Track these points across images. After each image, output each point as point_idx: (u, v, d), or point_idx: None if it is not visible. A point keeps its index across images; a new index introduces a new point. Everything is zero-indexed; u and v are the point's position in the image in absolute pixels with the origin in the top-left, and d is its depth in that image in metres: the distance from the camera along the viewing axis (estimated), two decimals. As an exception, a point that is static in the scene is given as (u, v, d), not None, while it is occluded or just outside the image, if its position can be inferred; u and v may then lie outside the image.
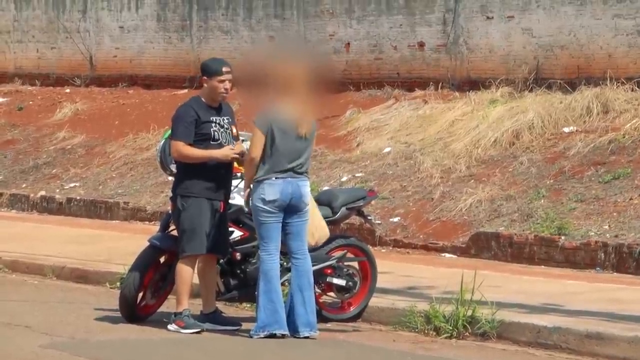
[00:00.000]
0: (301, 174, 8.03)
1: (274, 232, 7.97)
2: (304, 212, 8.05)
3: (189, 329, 8.08)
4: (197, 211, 8.06)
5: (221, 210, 8.17)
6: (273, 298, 7.90)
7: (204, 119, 8.14)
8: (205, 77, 8.24)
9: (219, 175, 8.16)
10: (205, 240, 8.08)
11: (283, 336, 7.92)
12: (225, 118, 8.27)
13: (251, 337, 7.90)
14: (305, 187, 8.04)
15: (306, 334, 7.96)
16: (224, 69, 8.23)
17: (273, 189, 7.94)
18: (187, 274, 8.12)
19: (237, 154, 8.14)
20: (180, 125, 8.14)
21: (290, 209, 7.99)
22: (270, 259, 7.96)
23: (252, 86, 8.65)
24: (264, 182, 7.96)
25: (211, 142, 8.14)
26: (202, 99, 8.25)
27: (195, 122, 8.11)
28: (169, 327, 8.12)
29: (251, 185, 8.06)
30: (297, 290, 7.98)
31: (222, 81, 8.20)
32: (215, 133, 8.16)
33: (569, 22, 13.82)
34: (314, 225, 8.16)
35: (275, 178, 7.95)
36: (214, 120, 8.18)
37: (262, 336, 7.89)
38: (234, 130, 8.35)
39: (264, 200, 7.94)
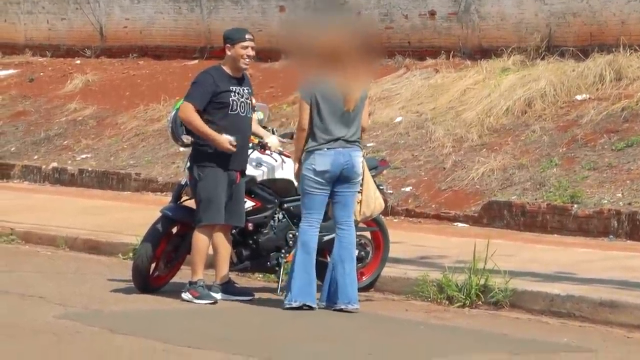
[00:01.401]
0: (353, 142, 7.90)
1: (318, 203, 7.87)
2: (355, 183, 7.92)
3: (203, 299, 8.09)
4: (213, 181, 8.06)
5: (237, 181, 8.16)
6: (309, 270, 7.83)
7: (224, 89, 8.11)
8: (228, 45, 8.22)
9: (239, 145, 8.14)
10: (222, 210, 8.05)
11: (312, 308, 7.85)
12: (245, 88, 8.25)
13: (283, 306, 7.86)
14: (358, 157, 7.90)
15: (342, 306, 7.88)
16: (247, 36, 8.24)
17: (324, 159, 7.83)
18: (203, 244, 8.13)
19: (234, 145, 8.02)
20: (196, 90, 8.13)
21: (341, 179, 7.87)
22: (311, 230, 7.88)
23: (295, 56, 8.57)
24: (315, 152, 7.85)
25: (229, 112, 8.12)
26: (224, 68, 8.22)
27: (212, 92, 8.08)
28: (183, 295, 8.14)
29: (275, 158, 8.00)
30: (339, 261, 7.89)
31: (245, 47, 8.19)
32: (234, 103, 8.13)
33: (581, -11, 13.73)
34: (370, 196, 8.04)
35: (327, 149, 7.84)
36: (234, 90, 8.15)
37: (295, 306, 7.84)
38: (253, 101, 8.33)
39: (314, 171, 7.84)
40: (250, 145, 8.57)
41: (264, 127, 8.77)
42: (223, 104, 8.11)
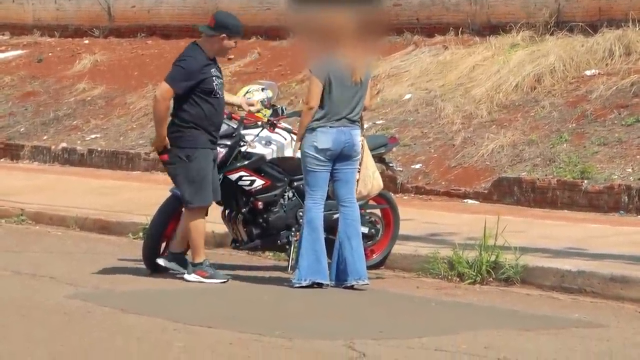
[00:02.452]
0: (354, 121, 7.94)
1: (321, 180, 7.91)
2: (355, 160, 7.97)
3: (215, 279, 8.09)
4: (205, 162, 8.01)
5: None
6: (316, 247, 7.85)
7: (207, 75, 8.01)
8: (224, 35, 8.09)
9: (218, 125, 8.13)
10: (211, 190, 8.07)
11: (324, 286, 7.86)
12: (218, 68, 8.18)
13: (292, 285, 7.88)
14: (358, 136, 7.95)
15: (353, 283, 7.89)
16: (242, 31, 8.18)
17: (326, 137, 7.86)
18: (202, 225, 8.10)
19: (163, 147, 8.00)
20: (180, 74, 7.96)
21: (342, 157, 7.91)
22: (316, 207, 7.90)
23: (306, 34, 8.54)
24: (317, 130, 7.87)
25: (213, 96, 8.02)
26: (204, 49, 8.08)
27: (197, 80, 7.95)
28: (187, 277, 8.09)
29: (285, 136, 8.01)
30: (345, 238, 7.92)
31: (236, 42, 8.16)
32: (217, 87, 8.07)
33: (590, -36, 13.65)
34: (368, 175, 8.07)
35: (330, 127, 7.87)
36: (214, 73, 8.07)
37: (304, 285, 7.84)
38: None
39: (316, 148, 7.87)
40: (260, 123, 8.57)
41: (273, 106, 8.76)
42: (208, 90, 8.02)
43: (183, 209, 8.21)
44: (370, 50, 8.22)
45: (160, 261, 8.22)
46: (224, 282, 8.10)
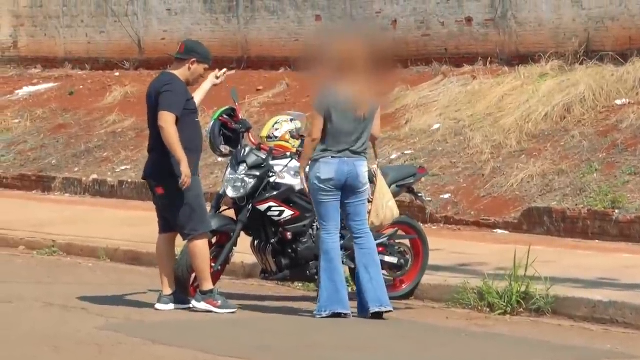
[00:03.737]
0: (358, 153, 7.98)
1: (332, 211, 7.94)
2: (362, 192, 7.99)
3: (226, 308, 8.06)
4: (199, 189, 8.13)
5: None
6: (335, 278, 7.88)
7: (189, 95, 8.19)
8: (194, 60, 8.20)
9: (200, 151, 8.23)
10: (208, 216, 8.15)
11: (345, 315, 7.88)
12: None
13: (314, 317, 7.89)
14: (362, 167, 7.98)
15: (376, 310, 7.90)
16: (211, 59, 8.31)
17: (329, 168, 7.91)
18: (207, 252, 8.10)
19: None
20: (174, 98, 8.05)
21: (348, 189, 7.94)
22: (330, 238, 7.94)
23: (309, 67, 8.60)
24: (320, 161, 7.94)
25: (195, 119, 8.17)
26: (179, 77, 8.20)
27: (185, 99, 8.11)
28: (197, 305, 8.06)
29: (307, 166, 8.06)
30: (363, 268, 7.94)
31: (206, 70, 8.28)
32: (196, 109, 8.20)
33: (619, -7, 13.63)
34: (381, 205, 8.09)
35: (332, 157, 7.92)
36: (190, 95, 8.24)
37: (325, 316, 7.87)
38: None
39: (319, 179, 7.93)
40: (289, 154, 8.59)
41: (301, 136, 8.78)
42: (192, 111, 8.16)
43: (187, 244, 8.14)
44: (379, 83, 8.25)
45: (194, 303, 8.20)
46: (234, 312, 8.07)
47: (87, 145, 16.21)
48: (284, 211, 8.44)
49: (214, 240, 8.50)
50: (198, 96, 8.50)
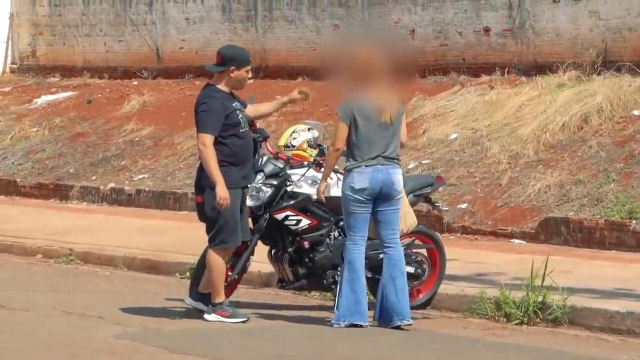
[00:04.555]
0: (392, 160, 7.93)
1: (362, 222, 7.90)
2: (396, 200, 7.94)
3: (236, 318, 8.06)
4: (236, 203, 8.02)
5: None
6: (356, 288, 7.85)
7: (230, 109, 8.08)
8: (233, 67, 8.17)
9: (248, 164, 8.16)
10: (240, 231, 8.07)
11: (363, 327, 7.86)
12: (239, 102, 8.24)
13: (331, 326, 7.88)
14: (397, 175, 7.93)
15: (398, 323, 7.88)
16: (250, 59, 8.24)
17: (362, 177, 7.86)
18: (223, 266, 8.08)
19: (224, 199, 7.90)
20: (208, 118, 8.01)
21: (381, 197, 7.89)
22: (356, 248, 7.91)
23: (332, 75, 8.61)
24: (353, 171, 7.89)
25: (240, 131, 8.07)
26: (220, 87, 8.16)
27: (224, 115, 8.01)
28: (208, 317, 8.06)
29: (331, 176, 8.05)
30: (390, 279, 7.91)
31: (248, 71, 8.22)
32: (242, 120, 8.12)
33: (637, 4, 13.60)
34: (406, 212, 8.05)
35: (365, 166, 7.88)
36: (237, 107, 8.14)
37: (343, 326, 7.85)
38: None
39: (353, 189, 7.88)
40: (306, 163, 8.61)
41: (319, 145, 8.79)
42: (234, 124, 8.06)
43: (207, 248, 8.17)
44: (399, 89, 8.24)
45: (187, 300, 8.23)
46: (244, 321, 8.07)
47: (105, 154, 16.26)
48: (301, 220, 8.46)
49: (231, 249, 8.51)
50: (270, 106, 8.46)
